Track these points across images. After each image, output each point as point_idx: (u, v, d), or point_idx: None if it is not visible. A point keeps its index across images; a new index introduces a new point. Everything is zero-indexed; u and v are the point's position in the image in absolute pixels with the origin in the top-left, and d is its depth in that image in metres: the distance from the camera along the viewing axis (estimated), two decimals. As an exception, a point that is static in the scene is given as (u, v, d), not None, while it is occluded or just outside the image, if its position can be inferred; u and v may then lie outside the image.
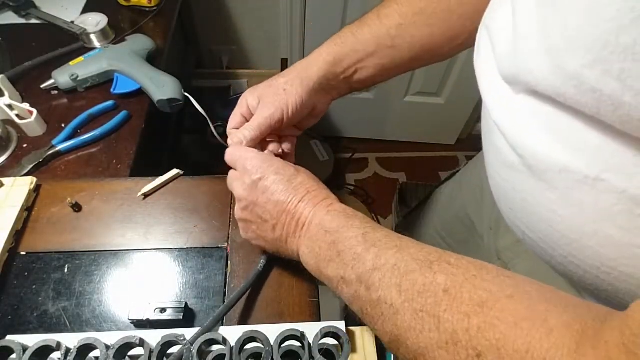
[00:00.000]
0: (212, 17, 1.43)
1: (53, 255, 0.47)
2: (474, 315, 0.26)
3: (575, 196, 0.29)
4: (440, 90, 1.61)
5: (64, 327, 0.42)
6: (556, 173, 0.30)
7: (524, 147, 0.32)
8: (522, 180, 0.34)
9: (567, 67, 0.26)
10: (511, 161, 0.35)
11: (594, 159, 0.27)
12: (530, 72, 0.30)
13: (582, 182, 0.28)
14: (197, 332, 0.37)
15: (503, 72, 0.34)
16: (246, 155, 0.42)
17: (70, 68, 0.72)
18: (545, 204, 0.32)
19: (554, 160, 0.30)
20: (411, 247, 0.32)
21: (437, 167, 1.79)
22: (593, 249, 0.30)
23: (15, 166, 0.61)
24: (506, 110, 0.35)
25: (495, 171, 0.40)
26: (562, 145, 0.29)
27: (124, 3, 0.90)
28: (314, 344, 0.36)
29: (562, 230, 0.32)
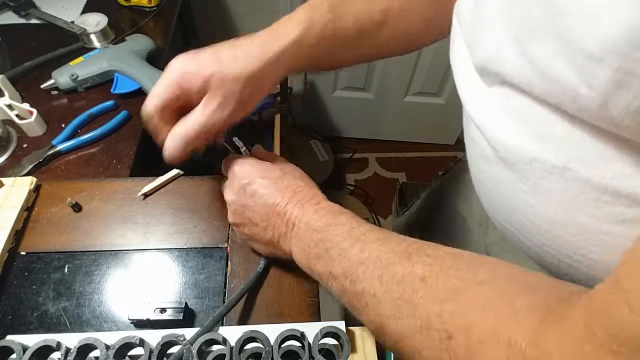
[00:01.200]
0: (212, 17, 1.43)
1: (53, 255, 0.47)
2: (447, 302, 0.27)
3: (545, 186, 0.30)
4: (440, 90, 1.61)
5: (64, 327, 0.42)
6: (527, 164, 0.31)
7: (497, 139, 0.33)
8: (496, 172, 0.35)
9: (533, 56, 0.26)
10: (486, 153, 0.35)
11: (561, 148, 0.28)
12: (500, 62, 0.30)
13: (551, 172, 0.29)
14: (197, 332, 0.37)
15: (475, 62, 0.34)
16: (235, 160, 0.43)
17: (70, 68, 0.72)
18: (519, 195, 0.33)
19: (524, 151, 0.30)
20: (393, 239, 0.34)
21: (437, 167, 1.79)
22: (564, 237, 0.31)
23: (15, 166, 0.61)
24: (479, 103, 0.35)
25: (473, 164, 0.40)
26: (531, 136, 0.30)
27: (124, 3, 0.90)
28: (314, 344, 0.36)
29: (535, 220, 0.33)
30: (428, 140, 1.84)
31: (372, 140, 1.83)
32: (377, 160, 1.80)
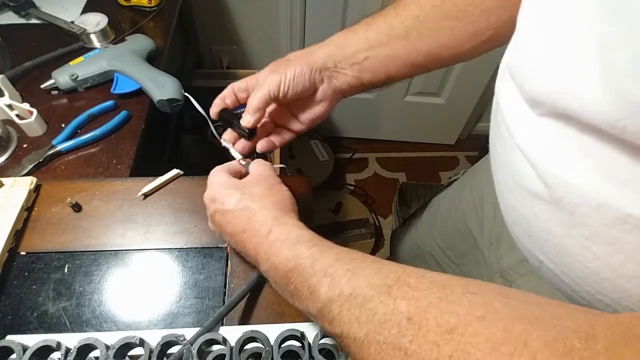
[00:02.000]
0: (212, 17, 1.43)
1: (53, 255, 0.47)
2: (443, 344, 0.23)
3: (613, 234, 0.26)
4: (440, 90, 1.61)
5: (64, 327, 0.42)
6: (592, 208, 0.27)
7: (554, 176, 0.29)
8: (547, 210, 0.31)
9: (631, 96, 0.22)
10: (535, 189, 0.31)
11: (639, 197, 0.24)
12: (571, 97, 0.26)
13: (624, 221, 0.25)
14: (197, 332, 0.37)
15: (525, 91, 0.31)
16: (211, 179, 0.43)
17: (70, 68, 0.72)
18: (576, 239, 0.29)
19: (591, 193, 0.26)
20: (365, 268, 0.29)
21: (437, 167, 1.79)
22: (630, 290, 0.27)
23: (15, 166, 0.61)
24: (533, 134, 0.31)
25: (511, 194, 0.36)
26: (602, 177, 0.26)
27: (124, 3, 0.90)
28: (314, 344, 0.36)
29: (593, 268, 0.29)
30: (428, 140, 1.84)
31: (372, 140, 1.83)
32: (377, 160, 1.80)
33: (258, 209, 0.38)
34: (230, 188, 0.40)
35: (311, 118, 0.50)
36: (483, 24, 0.44)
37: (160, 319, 0.43)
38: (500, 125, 0.36)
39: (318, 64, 0.46)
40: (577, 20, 0.26)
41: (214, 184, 0.42)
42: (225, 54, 1.55)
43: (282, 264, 0.33)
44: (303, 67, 0.45)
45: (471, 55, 0.47)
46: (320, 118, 0.50)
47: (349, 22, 1.42)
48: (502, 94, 0.36)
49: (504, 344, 0.21)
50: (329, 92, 0.48)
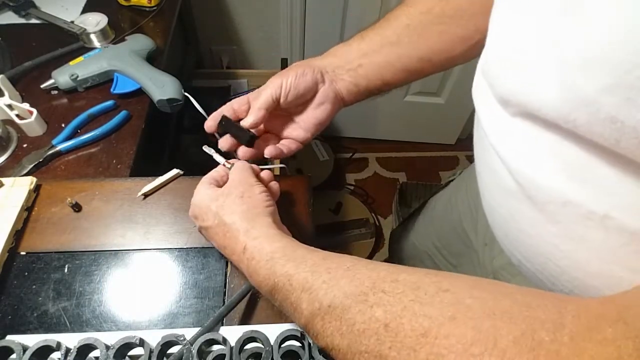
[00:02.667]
0: (212, 17, 1.43)
1: (53, 255, 0.47)
2: (419, 348, 0.23)
3: (579, 232, 0.27)
4: (440, 90, 1.61)
5: (64, 327, 0.42)
6: (559, 206, 0.27)
7: (523, 175, 0.30)
8: (520, 208, 0.32)
9: (580, 89, 0.23)
10: (509, 187, 0.32)
11: (603, 194, 0.25)
12: (530, 94, 0.27)
13: (588, 218, 0.26)
14: (197, 332, 0.37)
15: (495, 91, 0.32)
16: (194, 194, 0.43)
17: (70, 68, 0.72)
18: (546, 237, 0.30)
19: (557, 192, 0.27)
20: (340, 278, 0.29)
21: (437, 167, 1.79)
22: (598, 289, 0.27)
23: (15, 166, 0.61)
24: (504, 134, 0.32)
25: (490, 194, 0.37)
26: (566, 176, 0.26)
27: (124, 3, 0.90)
28: (314, 344, 0.36)
29: (563, 267, 0.29)
30: (428, 140, 1.84)
31: (372, 140, 1.83)
32: (377, 160, 1.80)
33: (230, 224, 0.38)
34: (209, 202, 0.40)
35: (314, 123, 0.50)
36: (471, 28, 0.45)
37: (160, 319, 0.43)
38: (478, 127, 0.38)
39: (319, 66, 0.48)
40: (538, 17, 0.27)
41: (195, 199, 0.42)
42: (225, 54, 1.55)
43: (263, 282, 0.34)
44: (304, 68, 0.46)
45: (463, 59, 0.49)
46: (323, 123, 0.51)
47: (349, 22, 1.42)
48: (477, 95, 0.38)
49: (474, 344, 0.22)
50: (331, 94, 0.49)
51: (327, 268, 0.31)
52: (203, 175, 0.55)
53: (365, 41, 0.48)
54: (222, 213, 0.39)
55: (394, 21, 0.48)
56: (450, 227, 0.63)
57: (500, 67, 0.32)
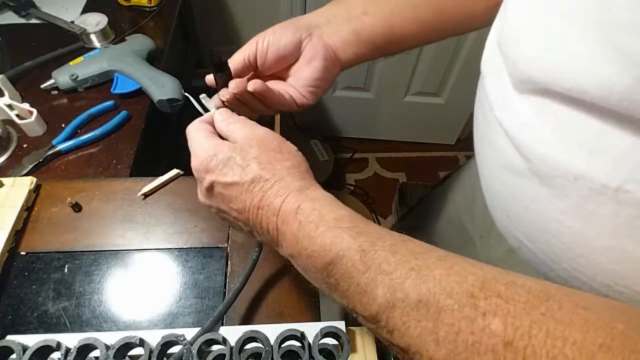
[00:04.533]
0: (212, 17, 1.43)
1: (53, 255, 0.47)
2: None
3: (589, 207, 0.25)
4: (440, 90, 1.61)
5: (64, 327, 0.42)
6: (569, 180, 0.26)
7: (531, 150, 0.29)
8: (525, 185, 0.30)
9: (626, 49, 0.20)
10: (515, 164, 0.31)
11: (617, 166, 0.23)
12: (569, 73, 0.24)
13: (600, 192, 0.24)
14: (197, 332, 0.37)
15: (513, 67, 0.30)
16: (191, 143, 0.34)
17: (70, 68, 0.72)
18: (552, 213, 0.28)
19: (567, 166, 0.26)
20: (433, 267, 0.24)
21: (437, 167, 1.79)
22: (605, 265, 0.26)
23: (15, 166, 0.61)
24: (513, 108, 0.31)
25: (491, 175, 0.36)
26: (577, 149, 0.25)
27: (124, 3, 0.90)
28: (314, 344, 0.36)
29: (568, 243, 0.28)
30: (428, 140, 1.84)
31: (372, 140, 1.83)
32: (377, 160, 1.80)
33: (274, 180, 0.30)
34: (229, 152, 0.32)
35: (305, 84, 0.43)
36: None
37: (160, 319, 0.43)
38: (482, 102, 0.36)
39: (302, 22, 0.42)
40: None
41: (202, 147, 0.33)
42: (225, 54, 1.54)
43: (318, 252, 0.27)
44: (285, 25, 0.41)
45: (484, 20, 0.43)
46: (318, 85, 0.44)
47: (349, 22, 1.42)
48: (487, 69, 0.36)
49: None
50: (320, 49, 0.42)
51: (412, 252, 0.25)
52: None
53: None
54: (260, 166, 0.31)
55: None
56: (447, 221, 0.63)
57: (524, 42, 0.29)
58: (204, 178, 0.33)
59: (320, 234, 0.27)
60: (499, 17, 0.36)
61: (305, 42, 0.42)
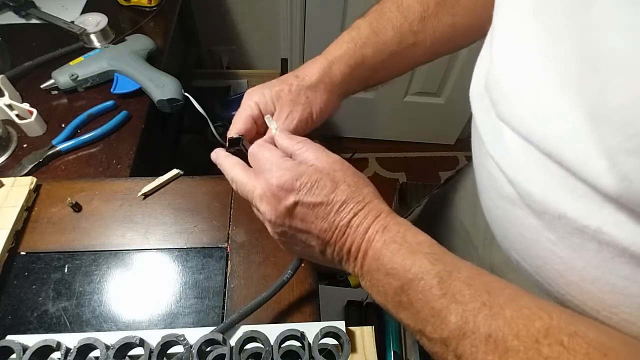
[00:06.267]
0: (212, 17, 1.43)
1: (53, 255, 0.47)
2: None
3: (575, 241, 0.27)
4: (440, 90, 1.61)
5: (64, 327, 0.42)
6: (554, 217, 0.27)
7: (520, 185, 0.30)
8: (519, 214, 0.32)
9: (598, 142, 0.23)
10: (507, 193, 0.32)
11: (594, 211, 0.25)
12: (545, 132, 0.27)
13: (582, 231, 0.26)
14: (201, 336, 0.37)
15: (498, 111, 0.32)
16: (271, 165, 0.34)
17: (70, 68, 0.72)
18: (544, 243, 0.30)
19: (551, 205, 0.27)
20: (505, 307, 0.25)
21: (437, 167, 1.79)
22: (594, 293, 0.28)
23: (15, 166, 0.61)
24: (502, 145, 0.32)
25: (489, 198, 0.37)
26: (560, 190, 0.27)
27: (124, 3, 0.90)
28: (314, 344, 0.36)
29: (560, 271, 0.30)
30: (428, 140, 1.84)
31: (372, 140, 1.83)
32: (377, 160, 1.80)
33: (364, 202, 0.32)
34: (316, 174, 0.32)
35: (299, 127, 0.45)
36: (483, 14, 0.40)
37: (160, 319, 0.43)
38: (475, 132, 0.37)
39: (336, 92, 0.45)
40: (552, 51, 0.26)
41: (283, 167, 0.33)
42: (225, 54, 1.55)
43: (397, 271, 0.29)
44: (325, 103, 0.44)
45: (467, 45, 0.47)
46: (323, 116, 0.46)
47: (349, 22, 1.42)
48: (475, 102, 0.37)
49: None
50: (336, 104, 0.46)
51: (486, 287, 0.27)
52: (203, 176, 0.55)
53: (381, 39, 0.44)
54: (349, 188, 0.32)
55: (407, 12, 0.44)
56: (449, 225, 0.63)
57: (508, 87, 0.31)
58: (284, 197, 0.33)
59: (402, 255, 0.29)
60: (486, 49, 0.37)
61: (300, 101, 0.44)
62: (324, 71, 0.44)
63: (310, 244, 0.34)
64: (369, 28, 0.46)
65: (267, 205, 0.34)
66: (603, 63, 0.22)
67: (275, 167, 0.34)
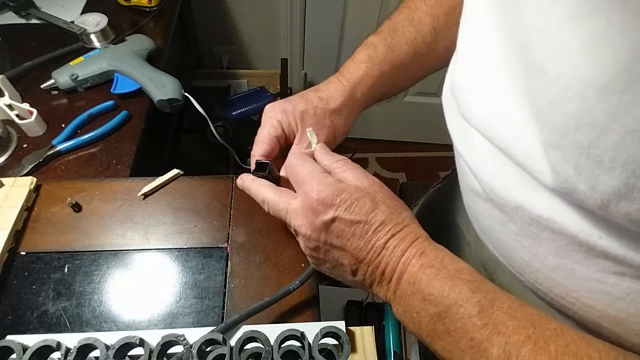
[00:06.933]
0: (212, 17, 1.43)
1: (53, 255, 0.47)
2: None
3: (533, 231, 0.29)
4: (440, 90, 1.61)
5: (64, 327, 0.42)
6: (513, 209, 0.29)
7: (484, 181, 0.32)
8: (487, 207, 0.34)
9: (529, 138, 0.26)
10: (476, 189, 0.34)
11: (546, 202, 0.27)
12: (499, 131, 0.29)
13: (537, 221, 0.28)
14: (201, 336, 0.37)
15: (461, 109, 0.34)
16: (312, 179, 0.34)
17: (70, 68, 0.72)
18: (509, 233, 0.32)
19: (510, 198, 0.29)
20: (550, 342, 0.24)
21: (437, 167, 1.79)
22: (556, 280, 0.29)
23: (15, 166, 0.61)
24: (467, 143, 0.34)
25: (465, 193, 0.39)
26: (516, 183, 0.29)
27: (124, 3, 0.90)
28: (314, 344, 0.36)
29: (526, 260, 0.31)
30: (428, 140, 1.84)
31: (372, 140, 1.83)
32: (377, 160, 1.80)
33: (402, 225, 0.32)
34: (357, 192, 0.33)
35: None
36: None
37: (160, 319, 0.43)
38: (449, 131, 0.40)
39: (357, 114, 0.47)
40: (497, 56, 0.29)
41: (324, 182, 0.34)
42: (225, 54, 1.55)
43: (434, 297, 0.28)
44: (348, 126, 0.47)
45: None
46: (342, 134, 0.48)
47: (349, 22, 1.42)
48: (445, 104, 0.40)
49: None
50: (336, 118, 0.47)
51: (530, 320, 0.26)
52: (203, 175, 0.55)
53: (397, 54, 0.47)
54: (388, 209, 0.32)
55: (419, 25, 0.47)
56: (444, 222, 0.64)
57: (468, 92, 0.33)
58: (323, 211, 0.33)
59: (440, 280, 0.28)
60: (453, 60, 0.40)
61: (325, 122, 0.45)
62: (348, 95, 0.46)
63: (342, 262, 0.33)
64: (384, 45, 0.46)
65: (303, 219, 0.34)
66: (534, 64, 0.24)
67: (316, 182, 0.34)
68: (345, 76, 0.46)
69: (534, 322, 0.25)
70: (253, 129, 1.03)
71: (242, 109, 1.24)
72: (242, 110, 1.25)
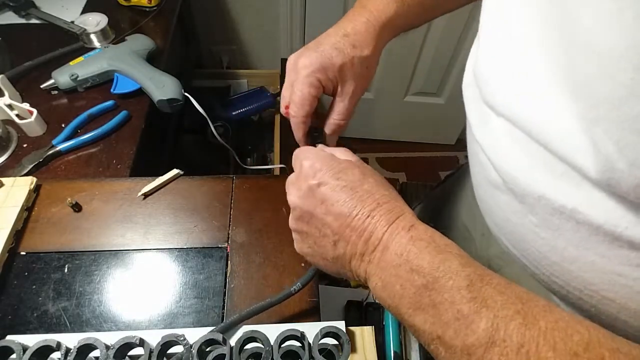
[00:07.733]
0: (212, 17, 1.43)
1: (53, 255, 0.47)
2: None
3: (555, 222, 0.29)
4: (440, 90, 1.61)
5: (64, 327, 0.42)
6: (535, 199, 0.29)
7: (505, 171, 0.32)
8: (505, 199, 0.33)
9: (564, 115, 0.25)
10: (494, 180, 0.34)
11: (571, 191, 0.26)
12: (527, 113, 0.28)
13: (560, 211, 0.27)
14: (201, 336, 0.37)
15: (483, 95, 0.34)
16: (304, 154, 0.35)
17: (70, 68, 0.72)
18: (528, 225, 0.31)
19: (532, 187, 0.29)
20: (539, 318, 0.23)
21: (437, 167, 1.79)
22: (575, 272, 0.29)
23: (15, 166, 0.61)
24: (488, 131, 0.34)
25: (480, 186, 0.39)
26: (540, 172, 0.28)
27: (124, 3, 0.90)
28: (314, 344, 0.36)
29: (544, 252, 0.31)
30: (428, 140, 1.84)
31: (372, 140, 1.83)
32: (377, 160, 1.80)
33: (389, 197, 0.31)
34: (348, 164, 0.33)
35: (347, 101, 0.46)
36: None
37: (160, 319, 0.43)
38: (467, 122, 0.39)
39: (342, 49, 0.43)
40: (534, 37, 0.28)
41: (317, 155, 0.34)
42: (225, 54, 1.55)
43: (423, 268, 0.27)
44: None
45: None
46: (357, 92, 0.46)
47: (349, 22, 1.42)
48: (466, 92, 0.38)
49: None
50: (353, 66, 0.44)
51: (518, 296, 0.25)
52: (203, 175, 0.55)
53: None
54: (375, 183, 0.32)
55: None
56: (448, 220, 0.64)
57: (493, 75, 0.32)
58: (312, 176, 0.32)
59: (429, 252, 0.27)
60: (475, 44, 0.39)
61: None
62: (378, 37, 0.43)
63: (324, 233, 0.32)
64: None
65: (293, 187, 0.34)
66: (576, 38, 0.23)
67: (311, 153, 0.35)
68: (374, 13, 0.43)
69: (523, 299, 0.25)
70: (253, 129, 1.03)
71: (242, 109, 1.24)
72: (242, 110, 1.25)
